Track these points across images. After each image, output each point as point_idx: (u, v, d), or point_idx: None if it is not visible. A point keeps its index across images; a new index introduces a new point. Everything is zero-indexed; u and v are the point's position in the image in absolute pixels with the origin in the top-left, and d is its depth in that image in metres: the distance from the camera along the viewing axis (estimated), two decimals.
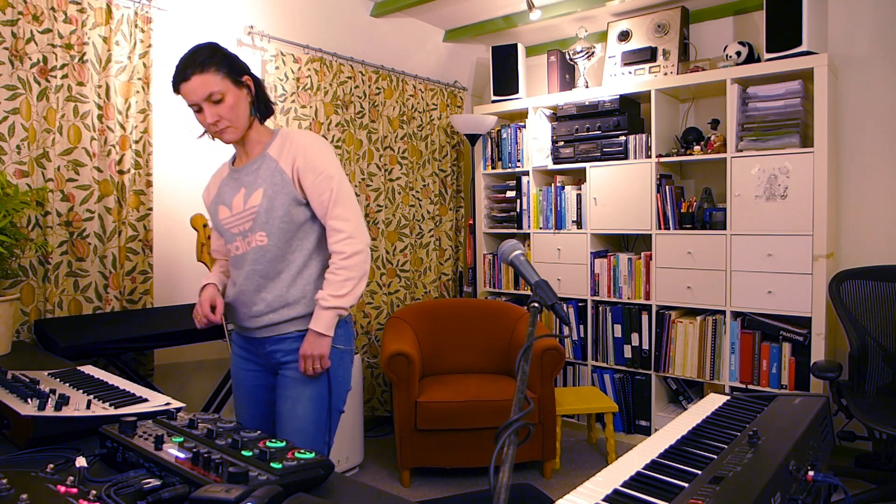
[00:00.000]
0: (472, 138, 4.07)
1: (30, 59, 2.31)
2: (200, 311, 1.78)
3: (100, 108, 2.52)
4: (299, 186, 1.69)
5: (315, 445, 1.70)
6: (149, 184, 2.68)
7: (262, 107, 1.75)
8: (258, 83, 1.74)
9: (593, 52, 3.83)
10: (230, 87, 1.65)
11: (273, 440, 1.10)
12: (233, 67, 1.66)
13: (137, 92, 2.61)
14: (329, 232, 1.71)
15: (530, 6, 3.59)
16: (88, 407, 1.32)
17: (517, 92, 4.07)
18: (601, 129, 3.67)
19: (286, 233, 1.70)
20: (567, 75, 4.02)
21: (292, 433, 1.69)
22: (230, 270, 1.84)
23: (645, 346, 3.58)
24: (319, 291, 1.68)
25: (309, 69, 3.34)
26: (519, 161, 4.08)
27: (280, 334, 1.73)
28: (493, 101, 4.16)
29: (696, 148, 3.40)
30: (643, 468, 1.02)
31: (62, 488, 0.93)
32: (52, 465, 1.02)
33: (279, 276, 1.72)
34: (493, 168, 4.23)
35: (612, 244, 3.95)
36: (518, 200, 4.09)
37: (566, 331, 3.80)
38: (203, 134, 1.79)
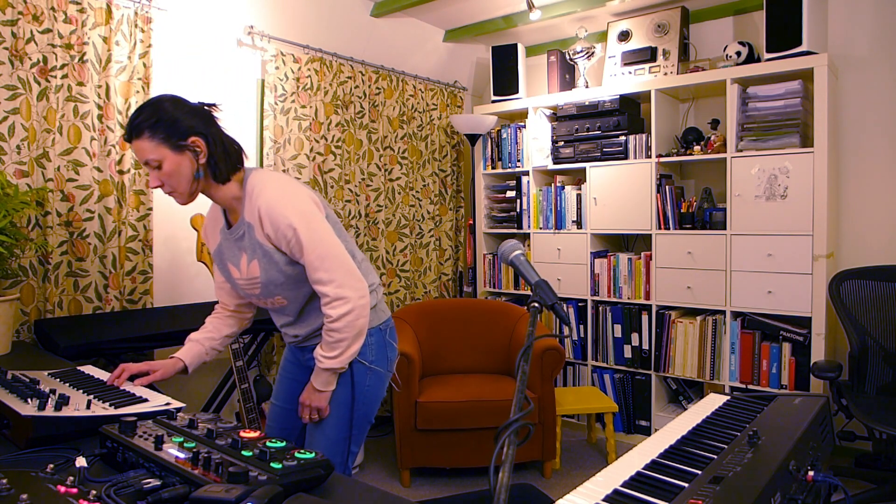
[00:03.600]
0: (472, 138, 4.07)
1: (30, 59, 2.31)
2: (116, 373, 1.60)
3: (100, 108, 2.52)
4: (283, 251, 1.62)
5: (335, 448, 1.72)
6: (149, 184, 2.67)
7: (217, 167, 1.57)
8: (214, 140, 1.56)
9: (593, 52, 3.83)
10: (167, 154, 1.51)
11: (273, 440, 1.10)
12: (173, 130, 1.51)
13: (137, 92, 2.61)
14: (317, 293, 1.64)
15: (530, 6, 3.59)
16: (88, 407, 1.32)
17: (517, 92, 4.07)
18: (601, 129, 3.67)
19: (299, 288, 1.68)
20: (567, 75, 4.02)
21: (317, 436, 1.73)
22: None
23: (645, 346, 3.58)
24: (317, 348, 1.65)
25: (309, 69, 3.34)
26: (519, 161, 4.08)
27: (313, 344, 1.77)
28: (493, 101, 4.16)
29: (696, 148, 3.40)
30: (643, 468, 1.02)
31: (62, 488, 0.93)
32: (52, 465, 1.03)
33: (309, 316, 1.74)
34: (493, 168, 4.23)
35: (612, 244, 3.95)
36: (518, 200, 4.09)
37: (566, 331, 3.80)
38: None
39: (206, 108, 1.61)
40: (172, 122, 1.51)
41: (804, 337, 3.08)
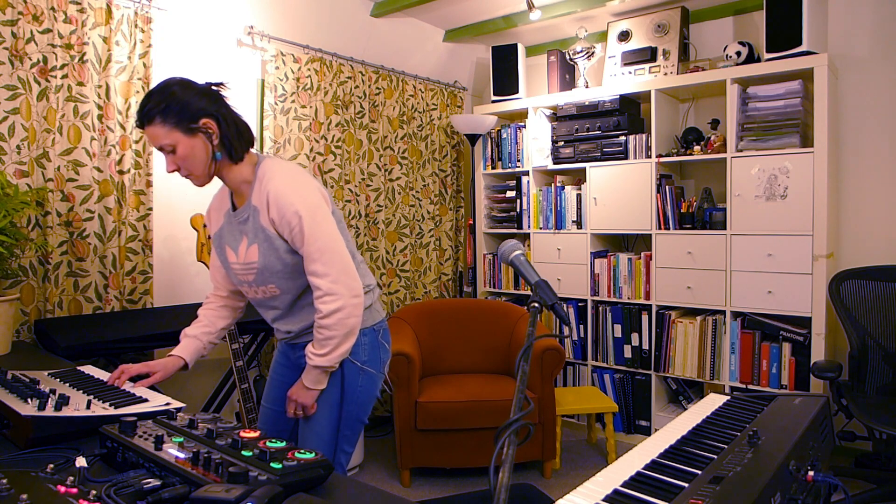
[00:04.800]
0: (472, 138, 4.07)
1: (30, 59, 2.31)
2: (115, 374, 1.59)
3: (100, 108, 2.52)
4: (284, 238, 1.62)
5: (325, 447, 1.71)
6: (149, 184, 2.68)
7: (233, 146, 1.59)
8: (225, 120, 1.58)
9: (593, 52, 3.83)
10: (180, 138, 1.52)
11: (273, 440, 1.10)
12: (183, 114, 1.51)
13: (137, 92, 2.61)
14: (311, 286, 1.64)
15: (530, 6, 3.59)
16: (88, 407, 1.32)
17: (517, 92, 4.07)
18: (601, 129, 3.67)
19: (294, 279, 1.67)
20: (567, 75, 4.02)
21: (307, 435, 1.73)
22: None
23: (645, 346, 3.58)
24: (308, 346, 1.65)
25: (309, 69, 3.34)
26: (519, 161, 4.08)
27: (306, 341, 1.76)
28: (493, 101, 4.16)
29: (696, 148, 3.40)
30: (643, 468, 1.02)
31: (62, 488, 0.93)
32: (52, 465, 1.02)
33: (301, 311, 1.73)
34: (493, 168, 4.23)
35: (612, 244, 3.95)
36: (518, 200, 4.09)
37: (566, 331, 3.80)
38: None
39: (214, 87, 1.61)
40: (183, 106, 1.52)
41: (804, 337, 3.08)
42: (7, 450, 1.22)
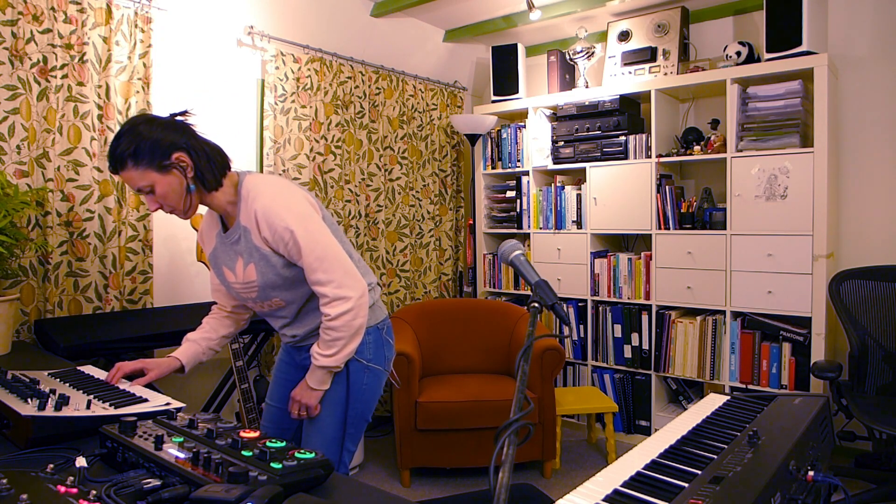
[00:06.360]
0: (472, 138, 4.07)
1: (30, 59, 2.31)
2: (112, 371, 1.62)
3: (100, 108, 2.52)
4: (280, 254, 1.62)
5: (331, 446, 1.72)
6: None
7: (204, 177, 1.57)
8: (196, 150, 1.55)
9: (593, 52, 3.83)
10: (156, 177, 1.51)
11: (273, 440, 1.10)
12: (155, 152, 1.49)
13: (137, 92, 2.61)
14: (317, 294, 1.64)
15: (530, 6, 3.58)
16: (88, 407, 1.32)
17: (517, 92, 4.07)
18: (601, 129, 3.67)
19: (297, 289, 1.68)
20: (567, 75, 4.02)
21: (312, 435, 1.74)
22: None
23: (645, 346, 3.58)
24: (314, 346, 1.66)
25: (309, 69, 3.34)
26: (519, 161, 4.08)
27: (311, 343, 1.76)
28: (493, 101, 4.16)
29: (696, 148, 3.40)
30: (643, 468, 1.02)
31: (62, 488, 0.93)
32: (52, 465, 1.02)
33: (307, 316, 1.74)
34: (493, 168, 4.23)
35: (612, 244, 3.95)
36: (518, 200, 4.09)
37: (566, 331, 3.80)
38: None
39: (178, 118, 1.59)
40: (153, 145, 1.49)
41: (804, 337, 3.08)
42: (7, 450, 1.22)
